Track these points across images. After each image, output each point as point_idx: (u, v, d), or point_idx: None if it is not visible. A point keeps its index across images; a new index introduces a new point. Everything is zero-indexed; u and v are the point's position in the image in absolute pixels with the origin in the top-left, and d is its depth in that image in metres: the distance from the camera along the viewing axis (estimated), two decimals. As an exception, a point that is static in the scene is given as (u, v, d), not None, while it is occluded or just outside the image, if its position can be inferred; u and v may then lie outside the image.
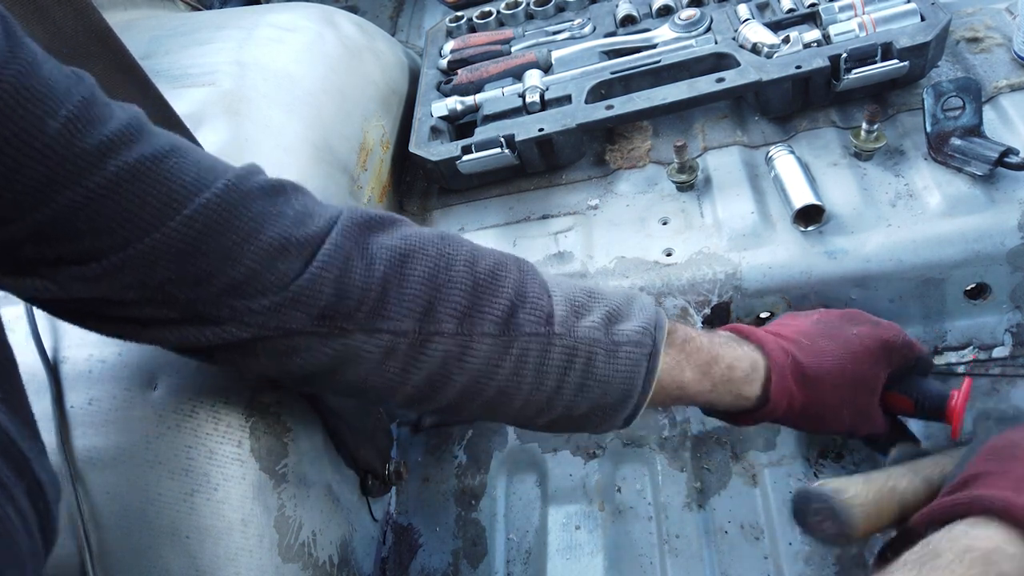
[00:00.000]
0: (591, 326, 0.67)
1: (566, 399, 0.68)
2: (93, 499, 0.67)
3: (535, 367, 0.66)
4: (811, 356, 0.74)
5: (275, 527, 0.74)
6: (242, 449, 0.71)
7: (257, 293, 0.57)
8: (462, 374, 0.64)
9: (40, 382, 0.69)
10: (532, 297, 0.66)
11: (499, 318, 0.64)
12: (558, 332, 0.66)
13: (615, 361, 0.67)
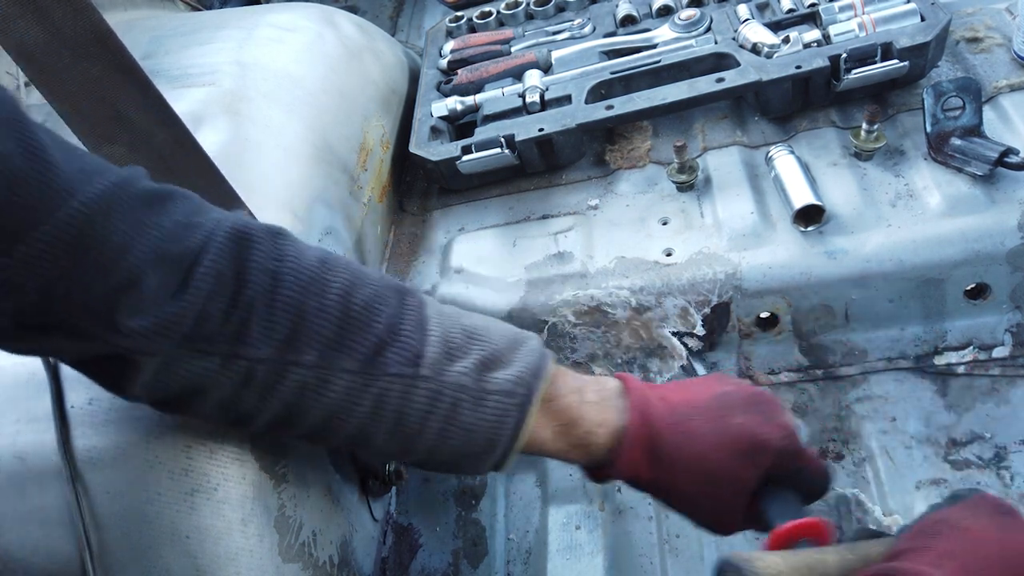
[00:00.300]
0: (461, 371, 0.64)
1: (427, 443, 0.65)
2: (93, 499, 0.67)
3: (396, 408, 0.63)
4: (676, 435, 0.67)
5: (275, 527, 0.74)
6: (242, 449, 0.71)
7: (132, 311, 0.54)
8: (319, 407, 0.63)
9: (40, 382, 0.69)
10: (405, 335, 0.63)
11: (363, 354, 0.62)
12: (424, 375, 0.63)
13: (481, 409, 0.65)
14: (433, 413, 0.64)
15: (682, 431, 0.67)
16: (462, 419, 0.65)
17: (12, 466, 0.68)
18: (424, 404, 0.64)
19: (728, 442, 0.67)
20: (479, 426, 0.65)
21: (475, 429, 0.65)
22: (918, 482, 0.89)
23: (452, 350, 0.64)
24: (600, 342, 1.03)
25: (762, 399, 0.70)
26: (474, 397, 0.64)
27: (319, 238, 0.92)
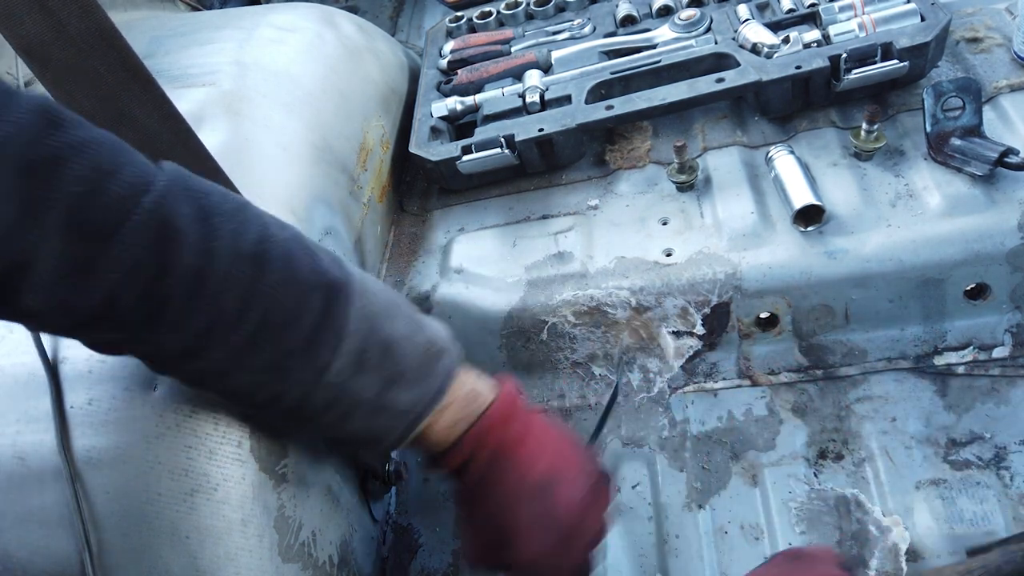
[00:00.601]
0: (365, 386, 0.65)
1: (315, 430, 0.72)
2: (93, 499, 0.67)
3: (293, 403, 0.64)
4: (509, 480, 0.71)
5: (275, 527, 0.74)
6: (242, 449, 0.71)
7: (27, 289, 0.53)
8: (217, 387, 0.65)
9: (40, 382, 0.69)
10: (317, 345, 0.62)
11: (269, 361, 0.62)
12: (325, 382, 0.63)
13: (374, 420, 0.67)
14: (327, 413, 0.66)
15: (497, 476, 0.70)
16: (353, 425, 0.67)
17: (12, 466, 0.68)
18: (320, 405, 0.65)
19: (506, 523, 0.70)
20: (366, 432, 0.69)
21: (362, 434, 0.69)
22: (918, 482, 0.89)
23: (363, 364, 0.64)
24: (600, 342, 1.04)
25: (567, 528, 0.70)
26: (370, 410, 0.66)
27: (319, 238, 0.92)
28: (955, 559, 0.83)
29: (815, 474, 0.92)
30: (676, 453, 0.98)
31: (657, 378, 1.03)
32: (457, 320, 1.07)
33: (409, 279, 1.11)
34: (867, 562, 0.84)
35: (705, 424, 1.00)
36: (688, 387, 1.03)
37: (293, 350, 0.62)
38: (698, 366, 1.03)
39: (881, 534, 0.85)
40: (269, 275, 0.60)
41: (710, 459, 0.97)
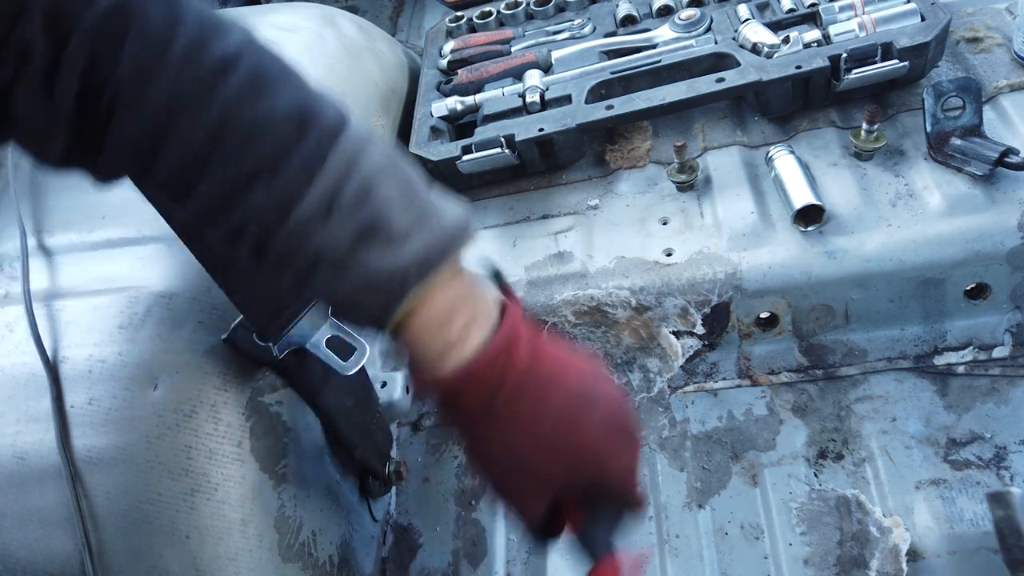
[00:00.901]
0: (333, 233, 0.54)
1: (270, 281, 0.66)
2: (93, 499, 0.67)
3: (250, 247, 0.55)
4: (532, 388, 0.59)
5: (275, 527, 0.74)
6: (242, 449, 0.71)
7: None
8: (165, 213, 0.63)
9: (40, 382, 0.69)
10: (287, 171, 0.53)
11: (223, 187, 0.53)
12: (289, 228, 0.53)
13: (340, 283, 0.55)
14: (288, 267, 0.56)
15: (538, 394, 0.59)
16: (318, 285, 0.56)
17: (12, 466, 0.68)
18: (283, 249, 0.54)
19: (571, 441, 0.59)
20: (333, 297, 0.58)
21: (331, 298, 0.59)
22: (918, 482, 0.89)
23: (335, 208, 0.53)
24: (600, 342, 1.03)
25: (626, 425, 0.63)
26: (336, 268, 0.54)
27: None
28: (955, 559, 0.83)
29: (815, 474, 0.92)
30: (676, 453, 0.98)
31: (657, 378, 1.03)
32: (457, 320, 1.07)
33: (409, 279, 1.11)
34: (868, 563, 0.84)
35: (705, 424, 1.00)
36: (688, 387, 1.03)
37: (259, 170, 0.52)
38: (698, 366, 1.03)
39: (882, 535, 0.85)
40: (232, 83, 0.52)
41: (710, 459, 0.97)
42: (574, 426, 0.59)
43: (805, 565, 0.86)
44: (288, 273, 0.56)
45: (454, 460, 1.06)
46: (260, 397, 0.74)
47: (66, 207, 0.82)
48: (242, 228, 0.54)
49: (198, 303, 0.73)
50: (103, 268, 0.75)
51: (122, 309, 0.71)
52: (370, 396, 0.89)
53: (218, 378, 0.72)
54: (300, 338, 0.75)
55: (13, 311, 0.73)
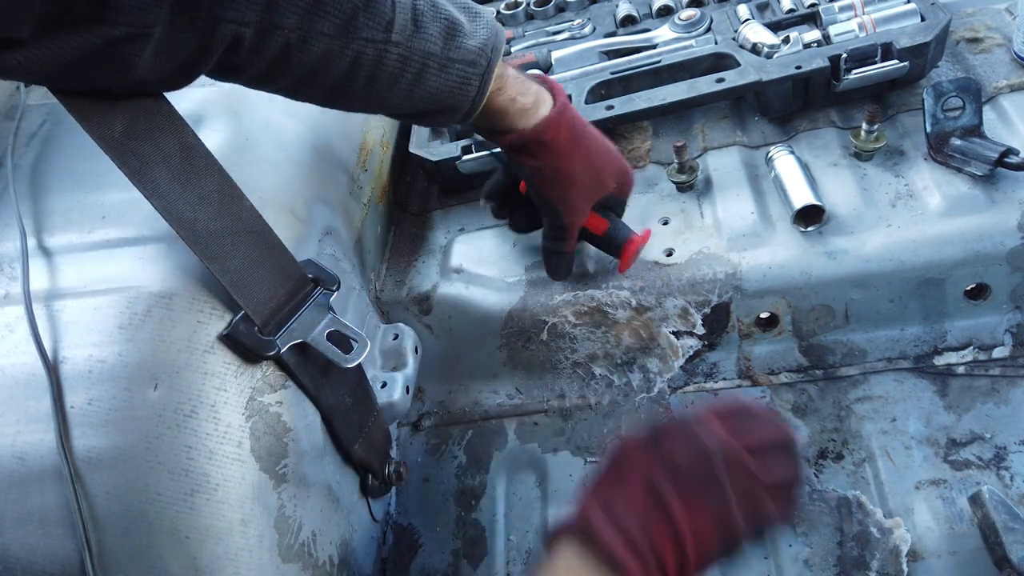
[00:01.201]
0: (429, 38, 0.73)
1: (395, 101, 0.76)
2: (93, 499, 0.67)
3: (369, 70, 0.72)
4: (585, 129, 0.90)
5: (275, 527, 0.74)
6: (242, 449, 0.71)
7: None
8: (300, 66, 0.70)
9: (40, 382, 0.69)
10: (376, 2, 0.69)
11: (339, 19, 0.68)
12: (395, 40, 0.71)
13: (446, 75, 0.75)
14: (403, 76, 0.73)
15: (587, 131, 0.90)
16: (428, 83, 0.75)
17: (12, 466, 0.68)
18: (394, 68, 0.72)
19: (611, 156, 0.93)
20: (443, 91, 0.76)
21: (439, 93, 0.76)
22: (918, 482, 0.89)
23: (419, 20, 0.72)
24: (600, 342, 1.03)
25: (624, 163, 0.96)
26: (440, 63, 0.74)
27: (319, 238, 0.92)
28: (955, 559, 0.83)
29: (815, 474, 0.92)
30: (676, 453, 0.98)
31: (657, 378, 1.03)
32: (457, 320, 1.07)
33: (409, 279, 1.11)
34: (868, 564, 0.84)
35: (705, 424, 1.00)
36: (688, 387, 1.03)
37: (356, 7, 0.68)
38: (698, 366, 1.03)
39: (882, 536, 0.85)
40: None
41: (710, 459, 0.97)
42: (607, 156, 0.92)
43: (805, 566, 0.86)
44: (401, 83, 0.74)
45: (454, 460, 1.06)
46: (260, 397, 0.74)
47: (65, 207, 0.82)
48: (359, 56, 0.70)
49: (198, 303, 0.73)
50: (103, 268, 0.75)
51: (122, 309, 0.71)
52: (368, 395, 0.89)
53: (218, 378, 0.71)
54: (301, 332, 0.76)
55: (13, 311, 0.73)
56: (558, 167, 0.87)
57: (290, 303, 0.76)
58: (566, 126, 0.86)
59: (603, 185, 0.92)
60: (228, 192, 0.74)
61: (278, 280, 0.76)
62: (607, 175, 0.92)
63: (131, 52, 0.62)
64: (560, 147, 0.86)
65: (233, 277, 0.72)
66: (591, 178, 0.90)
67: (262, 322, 0.73)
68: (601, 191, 0.93)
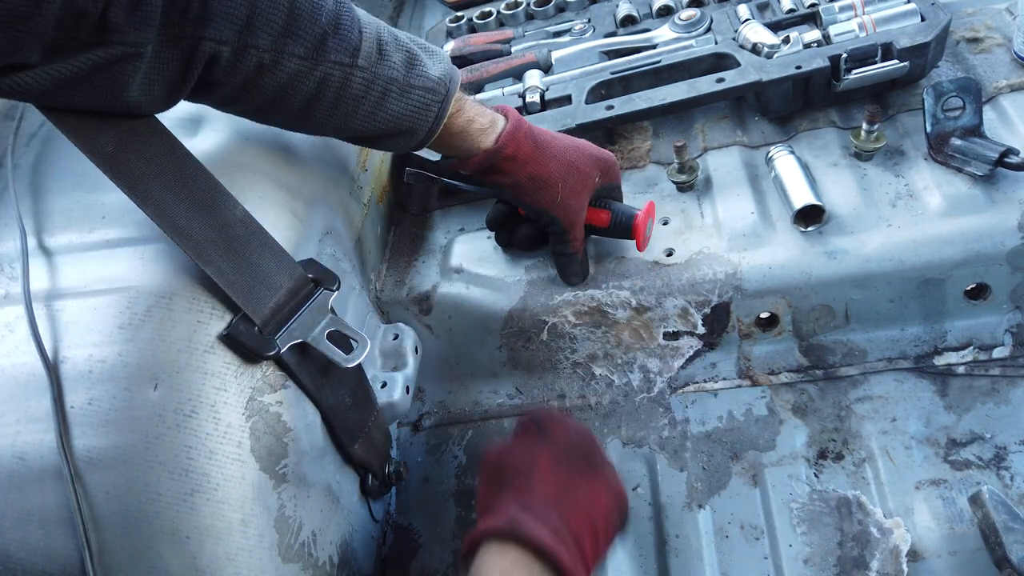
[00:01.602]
0: (392, 66, 0.78)
1: (358, 124, 0.80)
2: (93, 499, 0.67)
3: (335, 91, 0.76)
4: (547, 136, 0.92)
5: (275, 527, 0.74)
6: (242, 449, 0.71)
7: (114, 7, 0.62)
8: (272, 85, 0.74)
9: (40, 382, 0.69)
10: (344, 30, 0.75)
11: (310, 42, 0.73)
12: (360, 65, 0.76)
13: (406, 100, 0.80)
14: (366, 99, 0.78)
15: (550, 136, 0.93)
16: (390, 107, 0.79)
17: (12, 466, 0.68)
18: (358, 90, 0.77)
19: (583, 149, 0.95)
20: (403, 114, 0.80)
21: (400, 116, 0.80)
22: (918, 482, 0.89)
23: (384, 49, 0.78)
24: (600, 342, 1.03)
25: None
26: (401, 88, 0.79)
27: (319, 238, 0.92)
28: (955, 559, 0.83)
29: (815, 474, 0.92)
30: (676, 453, 0.98)
31: (657, 378, 1.03)
32: (457, 320, 1.07)
33: (409, 279, 1.11)
34: (868, 564, 0.84)
35: (705, 424, 1.00)
36: (688, 387, 1.03)
37: (325, 32, 0.73)
38: (698, 366, 1.03)
39: (882, 536, 0.85)
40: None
41: (710, 459, 0.97)
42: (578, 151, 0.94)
43: (805, 565, 0.86)
44: (364, 106, 0.78)
45: (454, 460, 1.06)
46: (260, 397, 0.74)
47: (65, 207, 0.82)
48: (326, 77, 0.75)
49: (198, 303, 0.73)
50: (103, 268, 0.75)
51: (122, 309, 0.71)
52: (369, 395, 0.89)
53: (218, 378, 0.71)
54: (301, 332, 0.76)
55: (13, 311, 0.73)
56: (533, 175, 0.90)
57: (290, 303, 0.76)
58: (525, 135, 0.89)
59: (586, 178, 0.94)
60: (220, 199, 0.76)
61: (277, 281, 0.76)
62: (586, 168, 0.93)
63: (125, 72, 0.67)
64: (526, 156, 0.89)
65: (231, 280, 0.73)
66: (571, 175, 0.92)
67: (262, 322, 0.74)
68: (587, 184, 0.94)
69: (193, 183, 0.75)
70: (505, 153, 0.87)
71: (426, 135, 0.84)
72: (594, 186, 0.95)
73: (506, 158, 0.88)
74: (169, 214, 0.72)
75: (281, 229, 0.84)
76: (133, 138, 0.73)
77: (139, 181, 0.72)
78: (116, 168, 0.71)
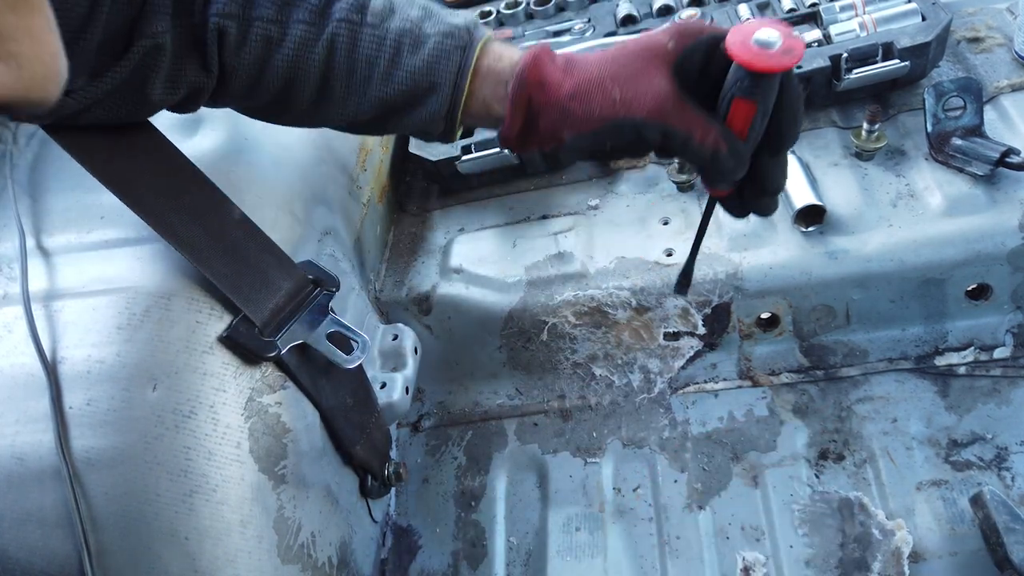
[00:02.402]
0: (402, 19, 0.71)
1: (377, 91, 0.71)
2: (91, 500, 0.67)
3: (345, 54, 0.70)
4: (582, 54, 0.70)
5: (274, 528, 0.74)
6: (241, 450, 0.71)
7: None
8: (281, 58, 0.70)
9: (39, 382, 0.68)
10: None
11: (314, 6, 0.69)
12: (369, 22, 0.70)
13: (421, 50, 0.69)
14: (379, 58, 0.70)
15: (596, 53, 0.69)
16: (404, 62, 0.69)
17: (11, 467, 0.68)
18: (370, 49, 0.70)
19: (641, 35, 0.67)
20: (420, 68, 0.69)
21: (417, 72, 0.69)
22: (919, 483, 0.88)
23: (395, 5, 0.71)
24: (600, 343, 1.03)
25: None
26: (415, 40, 0.69)
27: (319, 238, 0.92)
28: (956, 560, 0.83)
29: (816, 475, 0.92)
30: (677, 454, 0.98)
31: (658, 379, 1.03)
32: (457, 320, 1.07)
33: (409, 279, 1.11)
34: (870, 565, 0.84)
35: (706, 425, 1.00)
36: (689, 388, 1.03)
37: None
38: (699, 366, 1.03)
39: (884, 538, 0.85)
40: None
41: (711, 460, 0.97)
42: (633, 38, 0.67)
43: (806, 566, 0.86)
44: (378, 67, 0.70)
45: (454, 461, 1.06)
46: (259, 398, 0.74)
47: (64, 207, 0.82)
48: (333, 39, 0.69)
49: (196, 304, 0.73)
50: (101, 269, 0.75)
51: (120, 310, 0.71)
52: (369, 396, 0.89)
53: (217, 379, 0.71)
54: (301, 333, 0.76)
55: (11, 312, 0.73)
56: (574, 91, 0.66)
57: (290, 304, 0.76)
58: (550, 56, 0.69)
59: (648, 53, 0.64)
60: (217, 204, 0.76)
61: (277, 282, 0.76)
62: (642, 44, 0.65)
63: (150, 69, 0.67)
64: (558, 76, 0.67)
65: (231, 282, 0.73)
66: (621, 61, 0.65)
67: (262, 323, 0.73)
68: (653, 58, 0.64)
69: (189, 189, 0.75)
70: (527, 77, 0.66)
71: (452, 90, 0.69)
72: (668, 56, 0.63)
73: (534, 84, 0.66)
74: (166, 221, 0.72)
75: (280, 229, 0.83)
76: (126, 146, 0.73)
77: (133, 188, 0.72)
78: (109, 176, 0.72)
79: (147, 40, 0.65)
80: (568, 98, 0.65)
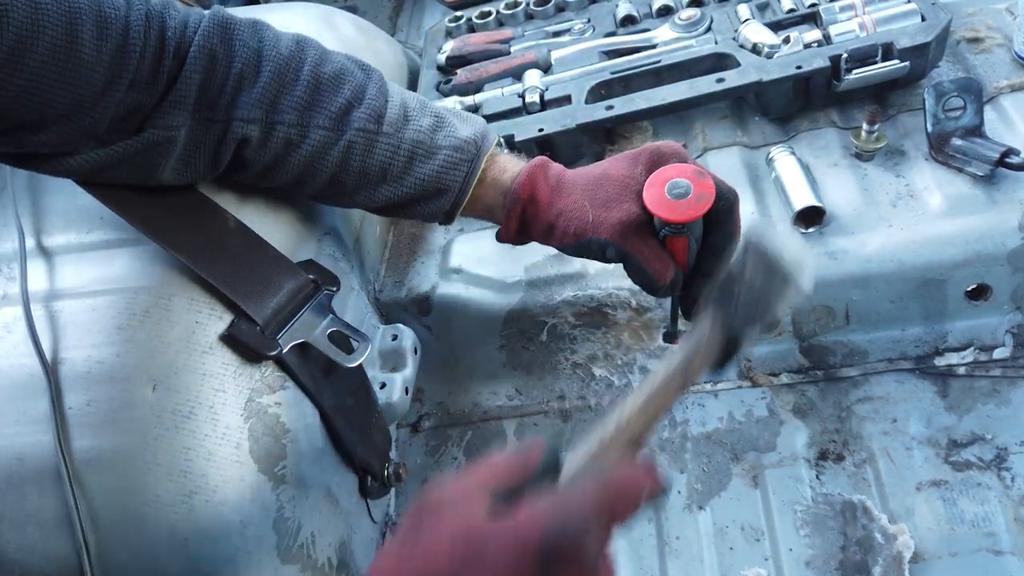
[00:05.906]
0: (417, 128, 0.76)
1: (387, 192, 0.78)
2: (91, 500, 0.67)
3: (360, 158, 0.76)
4: (577, 170, 0.77)
5: (274, 528, 0.74)
6: (240, 451, 0.71)
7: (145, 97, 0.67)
8: (299, 157, 0.75)
9: (38, 383, 0.68)
10: (369, 98, 0.76)
11: (333, 113, 0.74)
12: (385, 131, 0.75)
13: (432, 161, 0.76)
14: (392, 165, 0.76)
15: (587, 167, 0.76)
16: (416, 170, 0.76)
17: (10, 467, 0.68)
18: (385, 157, 0.76)
19: (622, 156, 0.75)
20: (430, 176, 0.76)
21: (427, 179, 0.77)
22: (919, 483, 0.88)
23: (409, 114, 0.77)
24: (600, 343, 1.03)
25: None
26: (427, 151, 0.76)
27: (318, 238, 0.92)
28: (956, 560, 0.83)
29: (816, 476, 0.92)
30: (676, 454, 0.98)
31: (657, 379, 1.03)
32: (457, 321, 1.07)
33: (408, 279, 1.11)
34: (870, 568, 0.84)
35: (705, 425, 1.00)
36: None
37: (350, 103, 0.75)
38: (698, 367, 1.03)
39: (886, 541, 0.85)
40: (311, 52, 0.76)
41: (710, 460, 0.97)
42: (615, 159, 0.75)
43: (806, 567, 0.86)
44: (391, 172, 0.77)
45: (454, 461, 1.06)
46: (259, 398, 0.74)
47: (64, 208, 0.82)
48: (350, 146, 0.75)
49: (196, 304, 0.73)
50: (101, 269, 0.75)
51: (120, 310, 0.71)
52: (370, 396, 0.89)
53: (216, 379, 0.71)
54: (302, 332, 0.76)
55: (11, 312, 0.73)
56: (561, 209, 0.73)
57: (291, 303, 0.76)
58: (544, 173, 0.75)
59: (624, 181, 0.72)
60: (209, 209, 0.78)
61: (278, 281, 0.76)
62: (621, 170, 0.73)
63: (159, 155, 0.71)
64: (548, 194, 0.74)
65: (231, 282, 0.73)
66: (601, 185, 0.73)
67: (264, 322, 0.74)
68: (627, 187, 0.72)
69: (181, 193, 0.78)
70: (521, 195, 0.74)
71: (458, 194, 0.76)
72: (638, 185, 0.71)
73: (526, 201, 0.74)
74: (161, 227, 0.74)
75: (280, 229, 0.83)
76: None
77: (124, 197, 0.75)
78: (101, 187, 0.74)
79: (159, 132, 0.69)
80: (555, 216, 0.74)
